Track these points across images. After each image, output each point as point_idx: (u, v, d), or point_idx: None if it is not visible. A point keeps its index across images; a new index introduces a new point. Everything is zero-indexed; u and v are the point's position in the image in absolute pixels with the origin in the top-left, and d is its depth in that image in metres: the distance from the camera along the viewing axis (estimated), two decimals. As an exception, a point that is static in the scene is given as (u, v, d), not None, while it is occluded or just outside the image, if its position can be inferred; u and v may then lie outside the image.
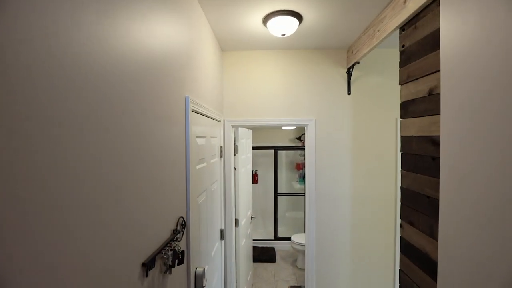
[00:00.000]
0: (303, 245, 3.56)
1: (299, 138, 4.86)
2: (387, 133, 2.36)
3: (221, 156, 2.24)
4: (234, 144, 2.53)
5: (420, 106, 1.34)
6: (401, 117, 1.52)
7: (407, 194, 1.45)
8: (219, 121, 2.22)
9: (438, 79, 1.19)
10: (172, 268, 1.02)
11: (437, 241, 1.19)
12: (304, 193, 4.43)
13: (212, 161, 1.92)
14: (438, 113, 1.20)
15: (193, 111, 1.40)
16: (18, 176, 0.41)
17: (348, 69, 2.33)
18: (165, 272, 0.98)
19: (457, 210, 0.90)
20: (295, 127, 3.96)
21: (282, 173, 5.19)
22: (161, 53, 0.99)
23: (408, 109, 1.45)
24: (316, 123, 2.37)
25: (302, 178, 4.82)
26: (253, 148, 4.24)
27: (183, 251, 1.08)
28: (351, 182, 2.37)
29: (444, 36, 1.00)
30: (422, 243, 1.32)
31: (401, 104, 1.52)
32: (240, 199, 2.61)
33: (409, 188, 1.44)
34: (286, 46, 2.31)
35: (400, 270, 1.52)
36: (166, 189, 1.04)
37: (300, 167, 4.88)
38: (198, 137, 1.53)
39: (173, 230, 1.08)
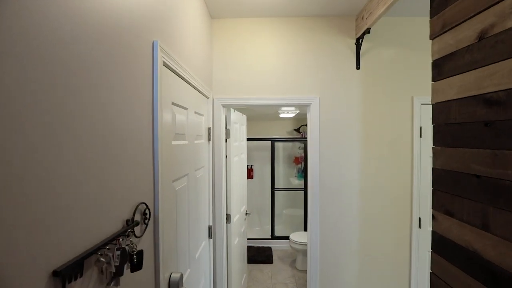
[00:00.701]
0: (303, 244, 3.24)
1: (297, 130, 4.55)
2: (402, 114, 2.04)
3: (209, 140, 1.91)
4: (226, 127, 2.19)
5: (463, 58, 1.02)
6: (432, 80, 1.20)
7: (442, 176, 1.14)
8: (207, 98, 1.88)
9: (497, 14, 0.88)
10: (121, 277, 0.68)
11: (496, 236, 0.88)
12: (303, 189, 4.11)
13: (196, 142, 1.58)
14: (494, 61, 0.89)
15: (165, 65, 1.06)
16: None
17: (357, 39, 2.01)
18: (108, 284, 0.64)
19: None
20: (294, 114, 3.63)
21: (280, 168, 4.87)
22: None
23: (443, 67, 1.13)
24: (320, 102, 2.04)
25: (301, 172, 4.51)
26: (249, 139, 3.91)
27: (141, 252, 0.74)
28: (359, 171, 2.05)
29: None
30: (467, 238, 1.00)
31: (433, 63, 1.20)
32: (233, 192, 2.27)
33: (445, 168, 1.12)
34: (284, 12, 1.98)
35: (432, 274, 1.20)
36: (116, 161, 0.70)
37: (298, 161, 4.56)
38: (175, 104, 1.19)
39: (127, 221, 0.74)
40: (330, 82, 2.05)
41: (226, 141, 2.19)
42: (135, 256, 0.71)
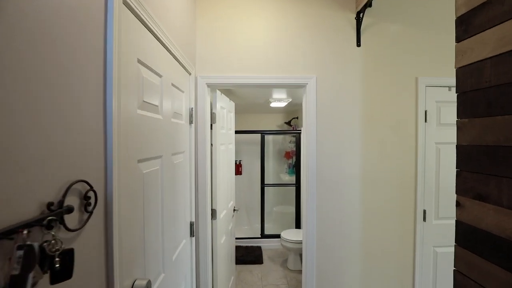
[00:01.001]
0: (295, 242, 3.03)
1: (288, 123, 4.34)
2: (405, 96, 1.87)
3: (191, 122, 1.65)
4: (211, 111, 1.94)
5: (502, 5, 0.82)
6: (457, 41, 1.00)
7: (471, 153, 0.94)
8: (189, 73, 1.62)
9: None
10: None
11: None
12: (295, 184, 3.91)
13: (175, 120, 1.32)
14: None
15: (128, 6, 0.81)
16: None
17: (358, 13, 1.82)
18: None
19: None
20: (285, 103, 3.42)
21: (269, 163, 4.65)
22: None
23: (473, 21, 0.93)
24: (318, 82, 1.83)
25: (292, 168, 4.31)
26: (237, 132, 3.67)
27: (69, 252, 0.48)
28: (360, 160, 1.86)
29: None
30: (509, 226, 0.81)
31: (457, 20, 1.00)
32: (219, 185, 2.02)
33: (475, 143, 0.93)
34: (278, -20, 1.76)
35: (457, 272, 1.01)
36: (32, 109, 0.44)
37: (289, 155, 4.36)
38: (142, 63, 0.93)
39: (49, 205, 0.49)
40: (328, 60, 1.84)
41: (211, 127, 1.94)
42: (57, 259, 0.45)
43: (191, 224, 1.63)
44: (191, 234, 1.62)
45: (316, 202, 1.84)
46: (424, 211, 1.86)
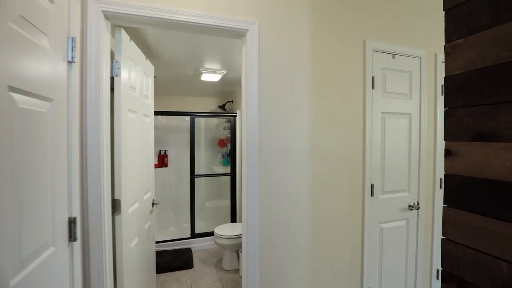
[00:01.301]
0: (231, 237, 2.63)
1: (222, 107, 3.92)
2: (354, 59, 1.69)
3: (72, 60, 1.04)
4: (113, 59, 1.35)
5: None
6: None
7: (471, 81, 0.71)
8: (65, -21, 1.01)
9: None
10: None
11: None
12: (230, 174, 3.52)
13: (20, 30, 0.73)
14: None
15: None
16: None
17: (305, -44, 1.54)
18: None
19: None
20: (220, 77, 2.97)
21: (201, 154, 4.13)
22: None
23: None
24: (260, 30, 1.47)
25: (227, 157, 3.90)
26: (162, 113, 3.04)
27: None
28: (308, 129, 1.58)
29: None
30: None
31: None
32: (127, 166, 1.44)
33: (475, 67, 0.70)
34: None
35: (446, 241, 0.77)
36: None
37: (224, 143, 3.94)
38: None
39: None
40: (273, 3, 1.50)
41: (112, 82, 1.35)
42: None
43: (71, 222, 1.02)
44: (71, 238, 1.01)
45: (259, 177, 1.47)
46: (372, 186, 1.73)
